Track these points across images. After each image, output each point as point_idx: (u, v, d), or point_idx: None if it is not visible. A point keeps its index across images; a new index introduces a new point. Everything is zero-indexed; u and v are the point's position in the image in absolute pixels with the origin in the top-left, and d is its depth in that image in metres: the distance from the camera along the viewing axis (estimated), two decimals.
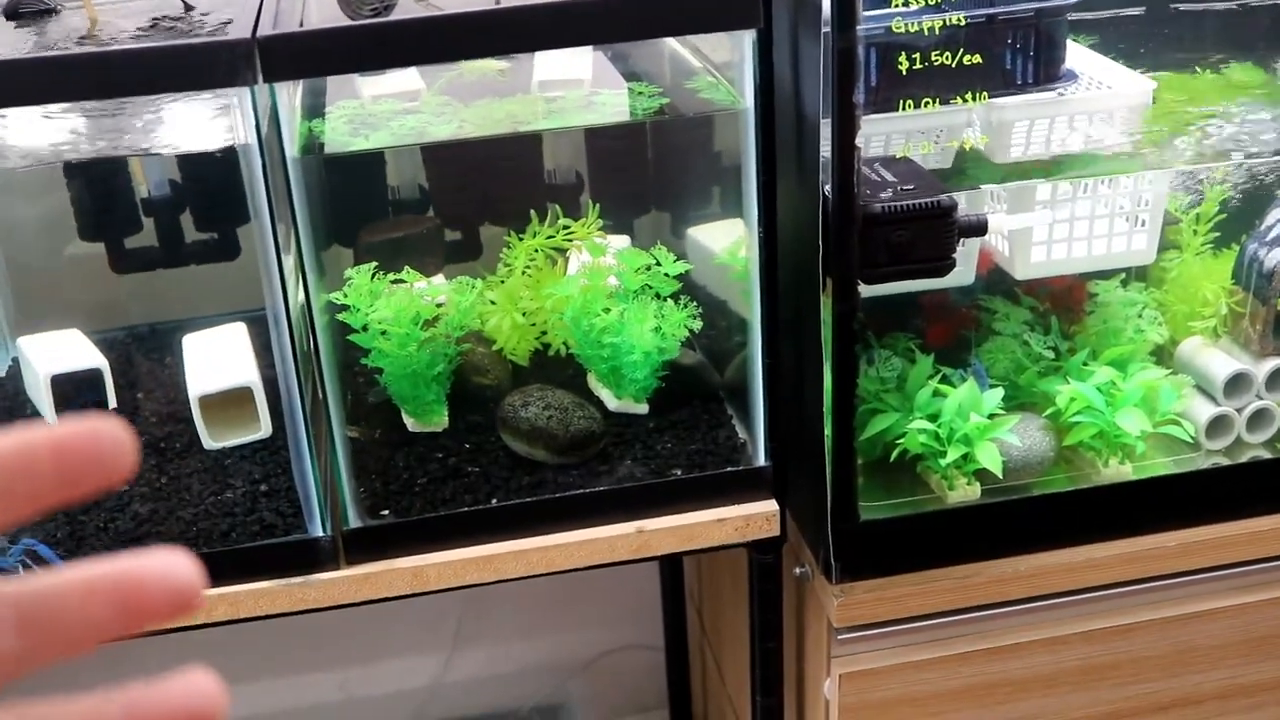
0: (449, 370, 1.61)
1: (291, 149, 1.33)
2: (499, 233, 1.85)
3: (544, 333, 1.67)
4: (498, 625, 2.41)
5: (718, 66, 1.61)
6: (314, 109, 1.54)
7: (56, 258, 1.90)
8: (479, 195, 1.84)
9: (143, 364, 1.81)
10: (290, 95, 1.35)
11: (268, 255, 1.35)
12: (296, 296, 1.41)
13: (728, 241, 1.69)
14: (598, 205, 1.62)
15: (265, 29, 1.31)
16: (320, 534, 1.46)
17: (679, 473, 1.52)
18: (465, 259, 1.85)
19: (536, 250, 1.61)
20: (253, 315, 1.84)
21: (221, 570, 1.45)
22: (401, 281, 1.60)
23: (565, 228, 1.58)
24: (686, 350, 1.60)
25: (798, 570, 1.65)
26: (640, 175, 1.86)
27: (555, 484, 1.51)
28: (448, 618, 2.38)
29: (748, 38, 1.38)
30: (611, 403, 1.60)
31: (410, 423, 1.61)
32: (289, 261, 1.40)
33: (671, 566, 2.25)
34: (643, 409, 1.61)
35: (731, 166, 1.82)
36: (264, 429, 1.63)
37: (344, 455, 1.45)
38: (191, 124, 1.59)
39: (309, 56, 1.31)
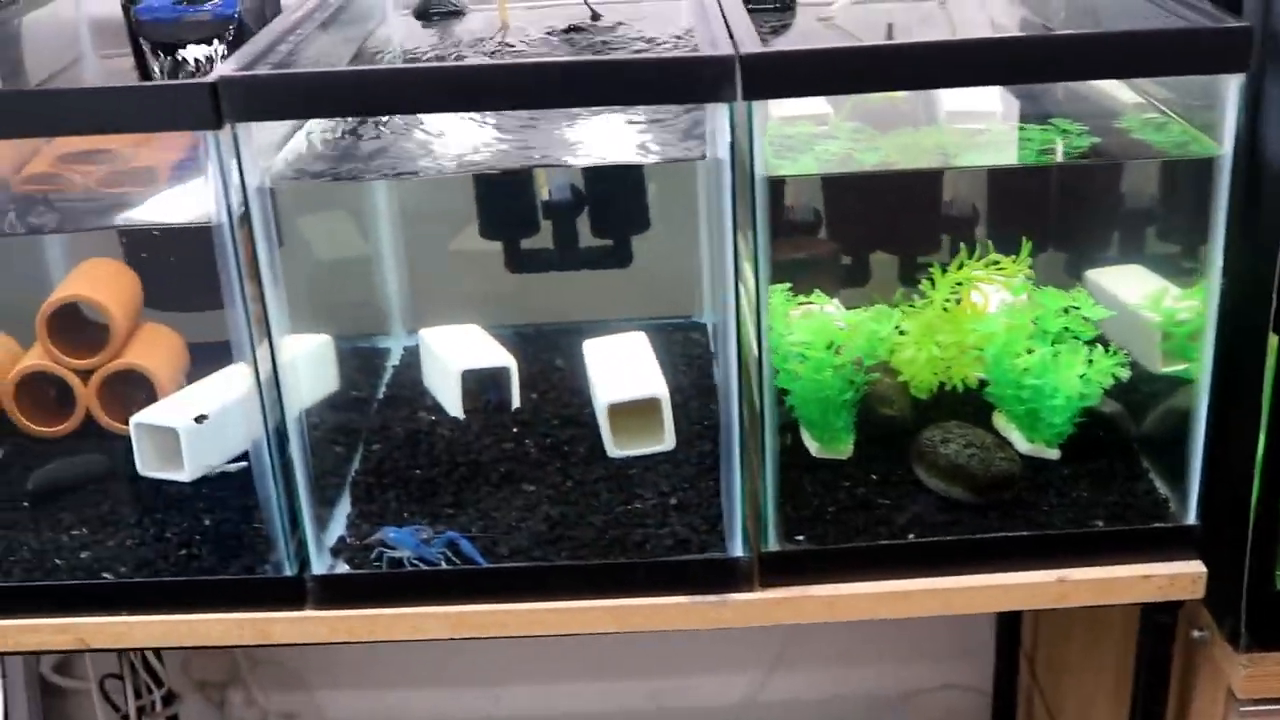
0: (856, 398, 1.59)
1: (762, 167, 1.33)
2: (884, 260, 1.85)
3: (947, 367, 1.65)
4: (819, 649, 2.39)
5: (1162, 102, 1.56)
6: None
7: (455, 255, 1.95)
8: (876, 222, 1.83)
9: (535, 364, 1.84)
10: (763, 114, 1.35)
11: (726, 267, 1.36)
12: (741, 310, 1.41)
13: (1133, 287, 1.64)
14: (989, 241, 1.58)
15: (719, 47, 1.31)
16: (740, 554, 1.46)
17: (1100, 524, 1.48)
18: (853, 284, 1.84)
19: (958, 284, 1.59)
20: (641, 324, 1.86)
21: (635, 581, 1.47)
22: (811, 305, 1.59)
23: (995, 263, 1.55)
24: (1107, 399, 1.55)
25: (1196, 633, 1.59)
26: (1040, 213, 1.82)
27: (971, 524, 1.49)
28: (772, 636, 2.37)
29: (1233, 82, 1.33)
30: (1022, 445, 1.57)
31: (814, 447, 1.60)
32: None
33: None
34: (1054, 454, 1.57)
35: (1137, 209, 1.77)
36: (668, 441, 1.64)
37: (772, 475, 1.44)
38: (617, 135, 1.61)
39: (791, 76, 1.31)
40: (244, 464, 1.58)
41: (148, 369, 1.72)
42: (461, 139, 1.59)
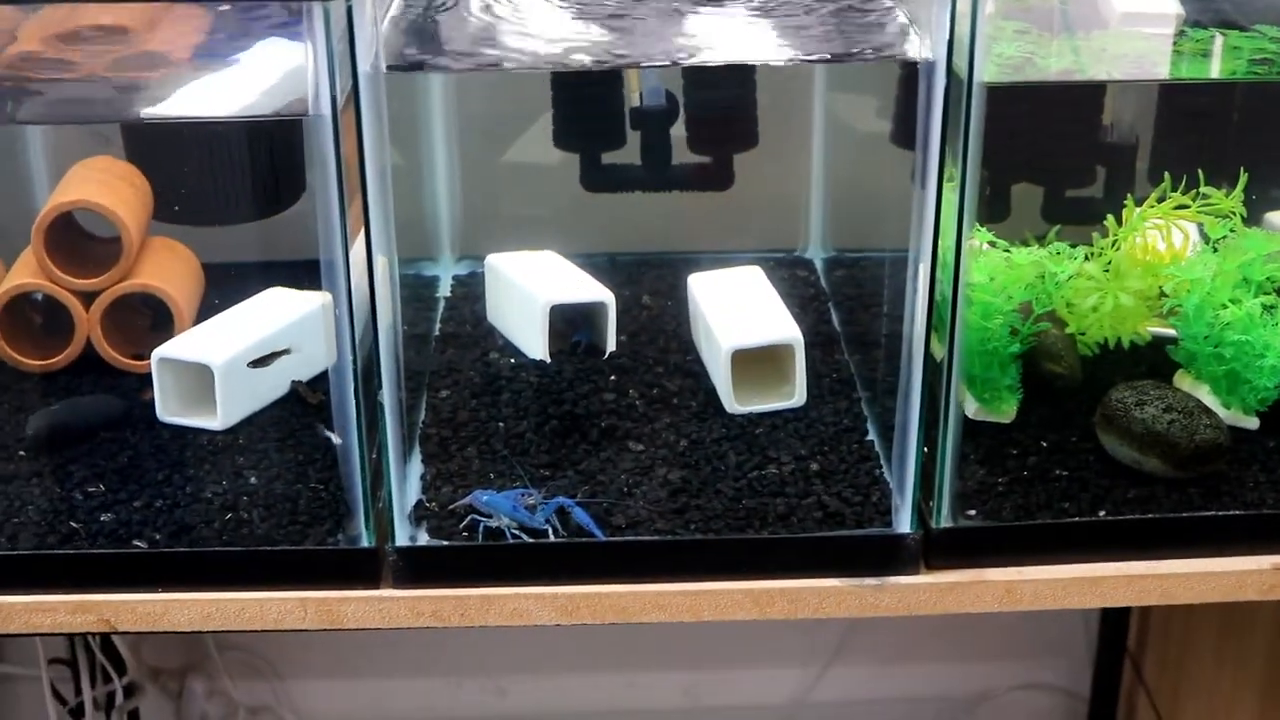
0: (1021, 351, 1.54)
1: (982, 72, 1.26)
2: (1029, 191, 1.79)
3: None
4: (880, 641, 2.35)
5: None
6: None
7: (517, 168, 1.86)
8: (1024, 147, 1.77)
9: (617, 300, 1.75)
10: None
11: (927, 188, 1.29)
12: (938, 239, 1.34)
13: None
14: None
15: None
16: (906, 530, 1.40)
17: None
18: (990, 220, 1.78)
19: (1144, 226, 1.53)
20: (737, 257, 1.80)
21: (780, 561, 1.40)
22: (990, 244, 1.54)
23: (1204, 196, 1.50)
24: None
25: None
26: (1215, 142, 1.78)
27: (1169, 501, 1.44)
28: (829, 626, 2.32)
29: None
30: (1218, 411, 1.52)
31: (972, 408, 1.54)
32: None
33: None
34: (1253, 423, 1.53)
35: None
36: (798, 396, 1.57)
37: (954, 439, 1.38)
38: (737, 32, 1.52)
39: None
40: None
41: (166, 293, 1.61)
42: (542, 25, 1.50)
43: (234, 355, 1.54)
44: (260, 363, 1.53)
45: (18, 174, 1.75)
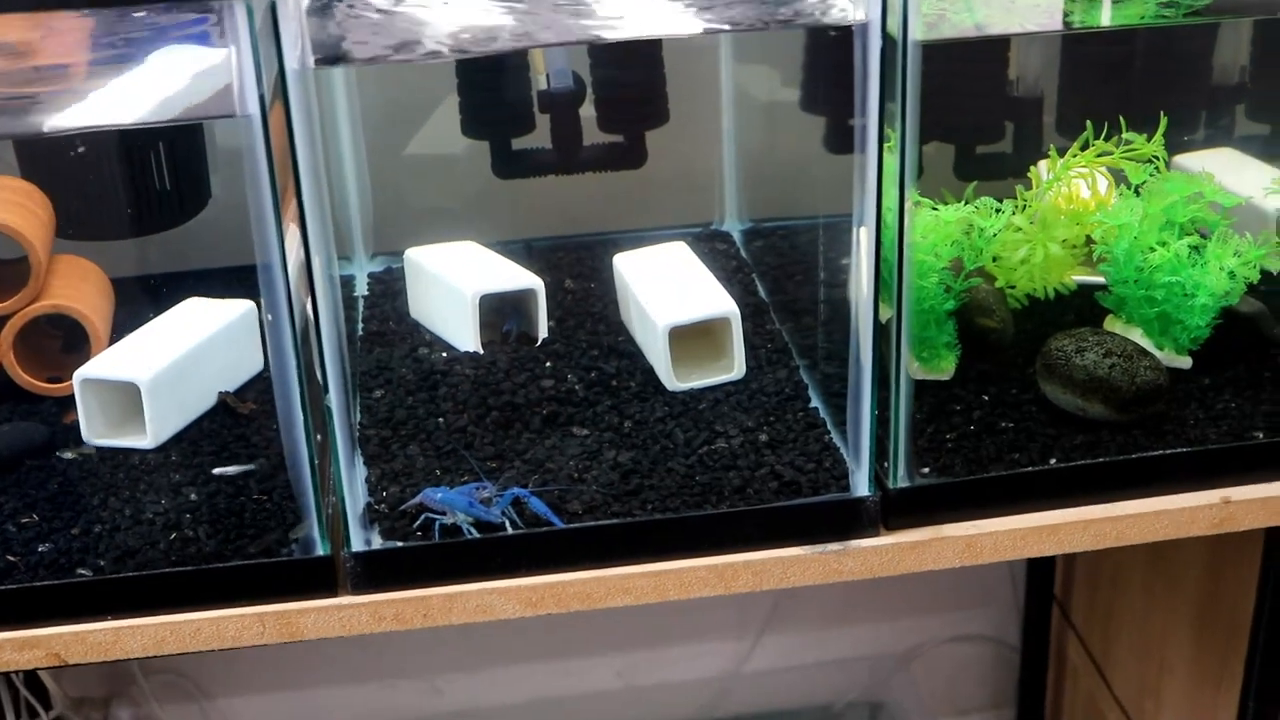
0: (954, 308, 1.53)
1: (915, 31, 1.24)
2: (940, 150, 1.78)
3: None
4: (813, 606, 2.34)
5: None
6: None
7: (425, 160, 1.81)
8: (934, 106, 1.75)
9: (546, 286, 1.71)
10: None
11: (867, 151, 1.27)
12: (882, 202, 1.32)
13: (1234, 174, 1.62)
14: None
15: None
16: (865, 493, 1.38)
17: (1260, 435, 1.45)
18: None
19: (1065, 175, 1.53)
20: (654, 234, 1.77)
21: (742, 533, 1.38)
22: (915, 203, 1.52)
23: (1125, 143, 1.50)
24: (1246, 297, 1.52)
25: None
26: (1119, 90, 1.78)
27: (1115, 444, 1.44)
28: (759, 595, 2.30)
29: None
30: (1154, 354, 1.52)
31: (914, 368, 1.53)
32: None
33: None
34: (1186, 363, 1.54)
35: (1227, 84, 1.75)
36: (737, 369, 1.55)
37: (905, 399, 1.37)
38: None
39: None
40: (249, 467, 1.44)
41: (80, 312, 1.54)
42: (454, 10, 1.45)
43: (160, 370, 1.47)
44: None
45: None
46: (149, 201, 1.65)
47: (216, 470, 1.43)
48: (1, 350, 1.54)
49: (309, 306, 1.26)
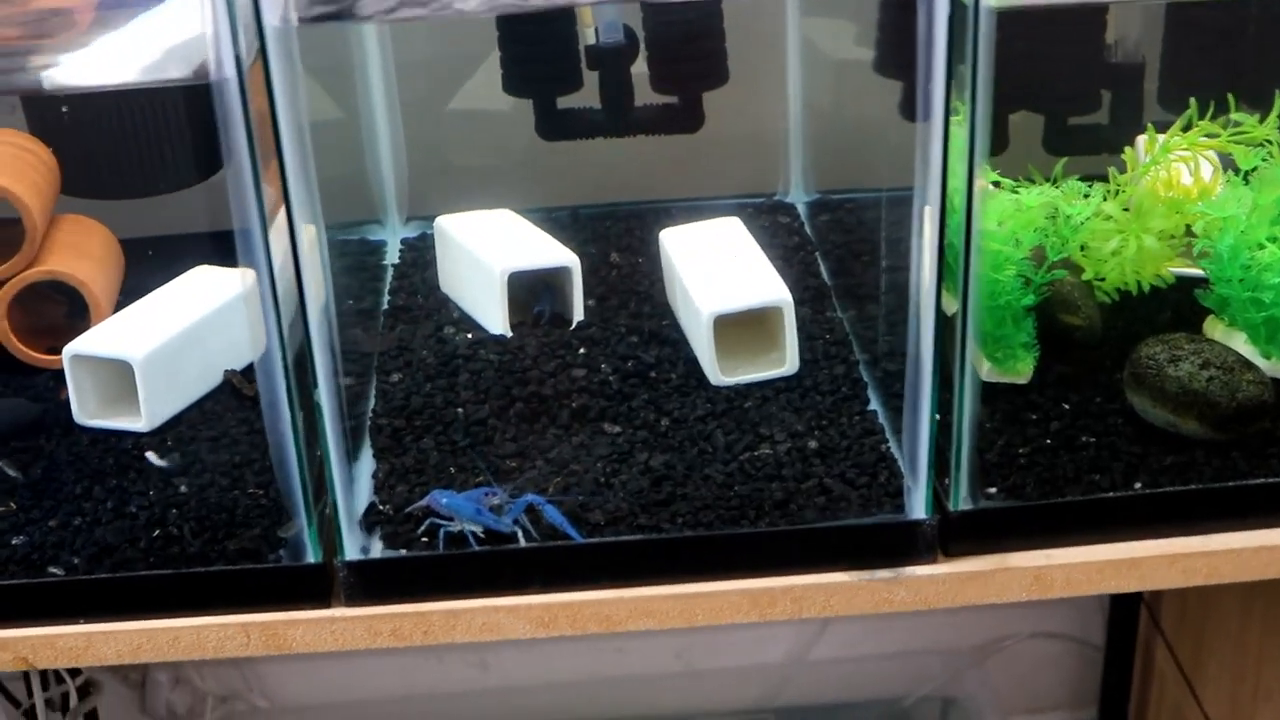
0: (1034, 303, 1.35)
1: None
2: (1029, 121, 1.60)
3: None
4: None
5: None
6: None
7: (465, 117, 1.66)
8: (1021, 72, 1.57)
9: (583, 260, 1.55)
10: None
11: (932, 121, 1.09)
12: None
13: None
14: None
15: None
16: (921, 516, 1.21)
17: None
18: (989, 154, 1.59)
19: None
20: (712, 204, 1.61)
21: (781, 555, 1.23)
22: (995, 184, 1.34)
23: (1234, 124, 1.30)
24: None
25: None
26: (1229, 59, 1.57)
27: (1211, 468, 1.26)
28: None
29: None
30: (1258, 363, 1.33)
31: (986, 370, 1.35)
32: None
33: None
34: None
35: None
36: (789, 364, 1.38)
37: (971, 406, 1.19)
38: None
39: None
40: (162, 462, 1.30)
41: (77, 279, 1.41)
42: None
43: (157, 347, 1.34)
44: None
45: None
46: (165, 157, 1.51)
47: (149, 455, 1.29)
48: None
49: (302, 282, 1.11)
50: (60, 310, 1.47)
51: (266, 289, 1.10)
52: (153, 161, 1.50)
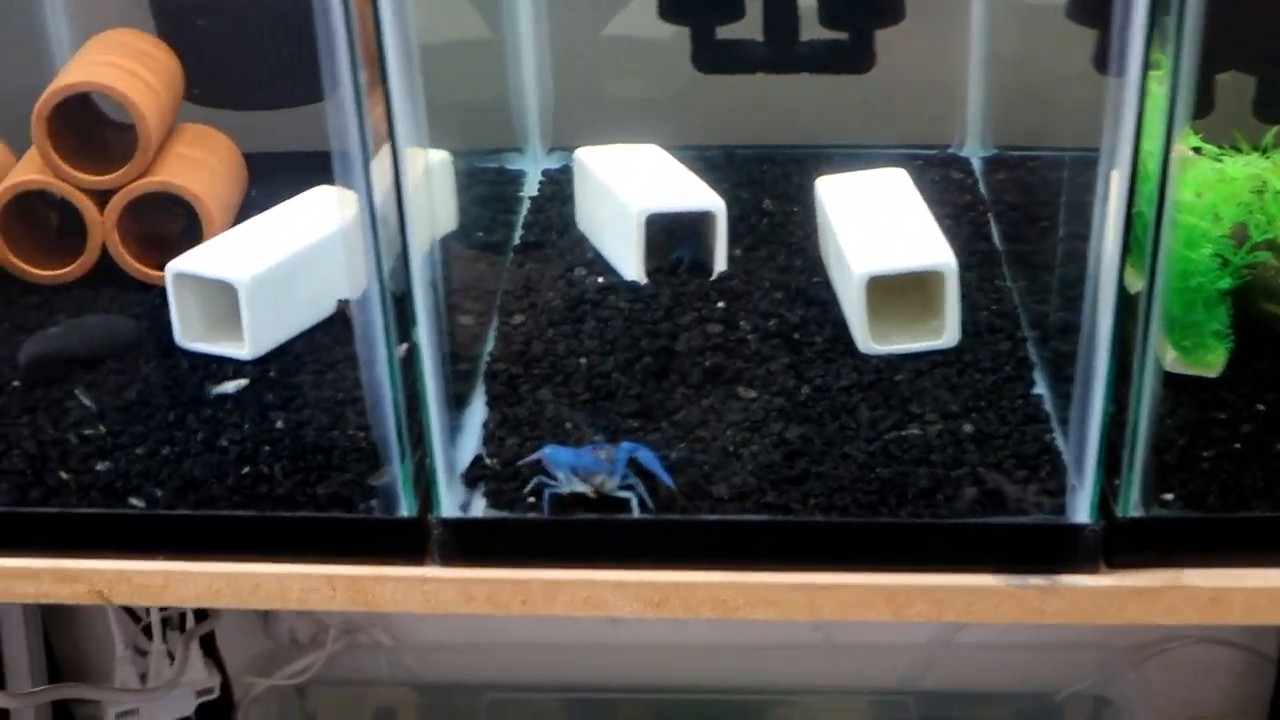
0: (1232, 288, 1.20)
1: None
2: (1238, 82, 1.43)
3: None
4: None
5: None
6: None
7: (616, 43, 1.55)
8: (1232, 25, 1.40)
9: (734, 206, 1.43)
10: None
11: (1127, 76, 0.95)
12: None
13: None
14: None
15: None
16: (1085, 520, 1.07)
17: None
18: (1192, 117, 1.43)
19: None
20: (879, 153, 1.47)
21: (923, 550, 1.10)
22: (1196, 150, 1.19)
23: None
24: None
25: None
26: None
27: None
28: None
29: None
30: None
31: (1169, 358, 1.20)
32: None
33: None
34: None
35: None
36: (949, 335, 1.24)
37: (1151, 399, 1.04)
38: None
39: None
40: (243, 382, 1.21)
41: (189, 191, 1.32)
42: None
43: (264, 270, 1.25)
44: None
45: (34, 46, 1.47)
46: (297, 66, 1.41)
47: (214, 390, 1.22)
48: (105, 230, 1.33)
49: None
50: (176, 224, 1.39)
51: (367, 218, 1.00)
52: (284, 71, 1.40)
